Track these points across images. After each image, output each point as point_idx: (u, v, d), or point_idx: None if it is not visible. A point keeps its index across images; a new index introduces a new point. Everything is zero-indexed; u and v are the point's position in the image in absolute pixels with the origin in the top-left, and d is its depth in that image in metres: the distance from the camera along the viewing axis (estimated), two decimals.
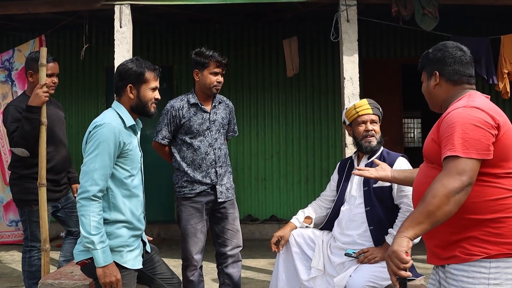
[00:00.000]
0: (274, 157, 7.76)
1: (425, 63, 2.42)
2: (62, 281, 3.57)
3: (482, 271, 2.04)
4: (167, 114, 3.75)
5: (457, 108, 2.14)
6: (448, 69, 2.31)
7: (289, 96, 7.76)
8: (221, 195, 3.73)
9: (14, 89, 5.98)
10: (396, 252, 2.02)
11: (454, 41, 2.44)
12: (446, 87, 2.33)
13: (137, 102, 2.82)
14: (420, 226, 2.02)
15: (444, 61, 2.32)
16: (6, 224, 6.44)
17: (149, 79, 2.82)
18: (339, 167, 3.62)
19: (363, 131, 3.38)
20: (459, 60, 2.32)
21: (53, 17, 6.41)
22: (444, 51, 2.34)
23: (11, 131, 3.85)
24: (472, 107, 2.12)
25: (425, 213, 2.00)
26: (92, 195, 2.60)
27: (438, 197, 1.98)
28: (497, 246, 2.05)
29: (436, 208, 1.98)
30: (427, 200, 2.01)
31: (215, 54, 3.70)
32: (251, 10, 6.74)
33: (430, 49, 2.41)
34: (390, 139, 7.18)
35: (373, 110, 3.41)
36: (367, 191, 3.30)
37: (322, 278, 3.28)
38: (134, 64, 2.82)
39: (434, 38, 7.03)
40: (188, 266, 3.70)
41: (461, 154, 2.01)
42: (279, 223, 7.35)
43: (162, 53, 7.87)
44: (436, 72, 2.33)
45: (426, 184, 2.17)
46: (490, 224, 2.06)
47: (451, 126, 2.08)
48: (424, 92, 2.44)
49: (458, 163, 2.01)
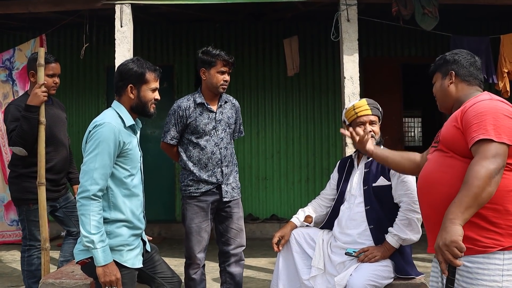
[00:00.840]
0: (274, 156, 7.77)
1: (440, 64, 2.56)
2: (63, 281, 3.56)
3: (496, 262, 2.11)
4: (174, 114, 3.74)
5: (483, 101, 2.27)
6: (464, 70, 2.48)
7: (290, 95, 7.77)
8: (227, 194, 3.73)
9: (15, 89, 5.98)
10: (455, 241, 2.02)
11: (454, 41, 2.57)
12: (461, 86, 2.47)
13: (137, 102, 2.83)
14: (469, 210, 2.06)
15: (461, 63, 2.49)
16: (7, 224, 6.44)
17: (149, 80, 2.82)
18: (339, 166, 3.62)
19: None
20: (473, 64, 2.50)
21: (54, 16, 6.42)
22: (460, 54, 2.53)
23: (10, 130, 3.86)
24: (498, 100, 2.27)
25: (472, 196, 2.06)
26: (92, 195, 2.60)
27: (482, 179, 2.06)
28: (510, 238, 2.13)
29: (481, 190, 2.05)
30: (470, 183, 2.07)
31: (222, 53, 3.69)
32: (252, 9, 6.75)
33: (447, 53, 2.57)
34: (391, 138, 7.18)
35: (372, 111, 3.40)
36: (367, 190, 3.30)
37: (323, 277, 3.28)
38: (135, 65, 2.82)
39: (434, 37, 7.07)
40: (191, 264, 3.71)
41: (495, 138, 2.12)
42: (280, 222, 7.37)
43: (162, 53, 7.87)
44: (452, 71, 2.48)
45: (439, 172, 2.27)
46: (503, 217, 2.14)
47: (481, 114, 2.20)
48: (437, 91, 2.57)
49: (492, 147, 2.11)
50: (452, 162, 2.25)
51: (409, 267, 3.25)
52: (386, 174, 3.29)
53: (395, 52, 7.81)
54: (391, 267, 3.19)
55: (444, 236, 2.05)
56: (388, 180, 3.28)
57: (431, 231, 2.33)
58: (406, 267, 3.22)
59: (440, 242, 2.06)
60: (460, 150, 2.25)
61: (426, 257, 5.57)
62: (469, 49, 2.62)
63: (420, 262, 5.41)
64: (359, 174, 3.40)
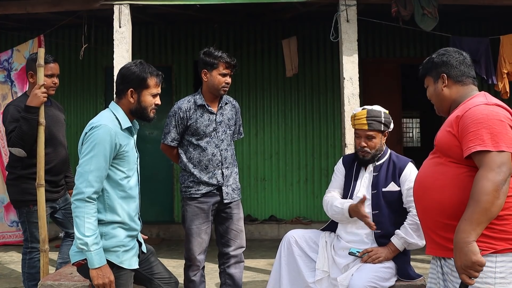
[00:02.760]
0: (273, 157, 7.76)
1: (429, 67, 2.48)
2: (62, 283, 3.55)
3: (489, 265, 2.11)
4: (174, 116, 3.72)
5: (479, 105, 2.21)
6: (455, 70, 2.40)
7: (288, 96, 7.76)
8: (227, 196, 3.72)
9: (14, 90, 5.96)
10: (478, 261, 2.05)
11: (454, 42, 2.52)
12: (455, 88, 2.41)
13: (136, 106, 2.81)
14: (481, 226, 2.08)
15: (450, 64, 2.41)
16: (8, 225, 6.42)
17: (151, 85, 2.80)
18: (344, 161, 3.52)
19: (358, 144, 3.36)
20: (463, 62, 2.41)
21: (52, 17, 6.40)
22: (447, 55, 2.43)
23: (9, 130, 3.84)
24: (494, 105, 2.21)
25: (482, 212, 2.06)
26: (87, 197, 2.59)
27: (490, 194, 2.05)
28: (503, 242, 2.13)
29: (491, 204, 2.06)
30: (478, 199, 2.06)
31: (224, 55, 3.67)
32: (251, 10, 6.74)
33: (433, 55, 2.49)
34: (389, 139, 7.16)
35: (371, 126, 3.28)
36: (376, 194, 3.27)
37: (328, 280, 3.26)
38: (138, 69, 2.79)
39: (433, 38, 7.07)
40: (191, 266, 3.69)
41: (492, 148, 2.10)
42: (279, 223, 7.35)
43: (161, 53, 7.86)
44: (444, 74, 2.41)
45: (432, 178, 2.25)
46: (496, 222, 2.12)
47: (476, 121, 2.16)
48: (431, 96, 2.50)
49: (495, 157, 2.09)
50: (444, 169, 2.24)
51: (410, 269, 3.25)
52: (397, 179, 3.27)
53: (394, 52, 7.81)
54: (393, 269, 3.18)
55: (464, 258, 2.07)
56: (398, 186, 3.26)
57: (426, 234, 2.37)
58: (409, 271, 3.21)
59: (461, 264, 2.08)
60: (454, 156, 2.23)
61: (426, 258, 5.56)
62: (469, 49, 2.56)
63: (419, 263, 5.40)
64: (368, 177, 3.37)
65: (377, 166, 3.34)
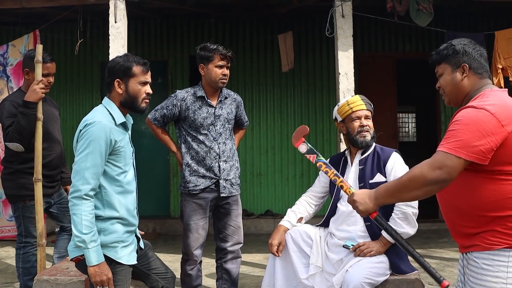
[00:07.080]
0: (269, 152, 7.77)
1: (448, 54, 2.37)
2: (58, 277, 3.56)
3: (502, 259, 2.13)
4: (169, 99, 3.77)
5: (468, 108, 2.18)
6: (476, 62, 2.33)
7: (284, 91, 7.77)
8: (224, 190, 3.73)
9: (9, 85, 5.95)
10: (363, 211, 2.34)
11: (449, 37, 2.48)
12: (474, 80, 2.33)
13: (126, 97, 2.80)
14: (389, 199, 2.31)
15: (472, 55, 2.33)
16: (6, 219, 6.41)
17: (137, 73, 2.79)
18: (331, 162, 3.54)
19: (358, 127, 3.38)
20: (483, 55, 2.36)
21: (47, 11, 6.39)
22: (469, 45, 2.35)
23: (6, 125, 3.85)
24: (481, 109, 2.13)
25: (397, 190, 2.22)
26: (84, 194, 2.59)
27: (414, 181, 2.15)
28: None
29: (408, 190, 2.18)
30: (404, 181, 2.19)
31: (219, 47, 3.69)
32: (247, 4, 6.74)
33: (453, 42, 2.39)
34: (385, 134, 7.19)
35: (366, 106, 3.42)
36: (363, 187, 3.29)
37: (321, 275, 3.27)
38: (122, 59, 2.81)
39: (428, 33, 7.09)
40: (188, 260, 3.72)
41: (451, 151, 2.08)
42: (274, 218, 7.38)
43: (157, 48, 7.85)
44: (465, 64, 2.32)
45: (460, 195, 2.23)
46: (510, 219, 2.13)
47: (456, 123, 2.15)
48: (447, 84, 2.39)
49: (443, 157, 2.10)
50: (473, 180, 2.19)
51: (403, 264, 3.26)
52: (382, 170, 3.30)
53: (390, 48, 7.82)
54: (386, 264, 3.20)
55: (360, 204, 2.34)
56: (384, 176, 3.28)
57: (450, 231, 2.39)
58: (400, 265, 3.23)
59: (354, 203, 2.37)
60: None
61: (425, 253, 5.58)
62: None
63: None
64: (354, 171, 3.40)
65: (363, 159, 3.38)
